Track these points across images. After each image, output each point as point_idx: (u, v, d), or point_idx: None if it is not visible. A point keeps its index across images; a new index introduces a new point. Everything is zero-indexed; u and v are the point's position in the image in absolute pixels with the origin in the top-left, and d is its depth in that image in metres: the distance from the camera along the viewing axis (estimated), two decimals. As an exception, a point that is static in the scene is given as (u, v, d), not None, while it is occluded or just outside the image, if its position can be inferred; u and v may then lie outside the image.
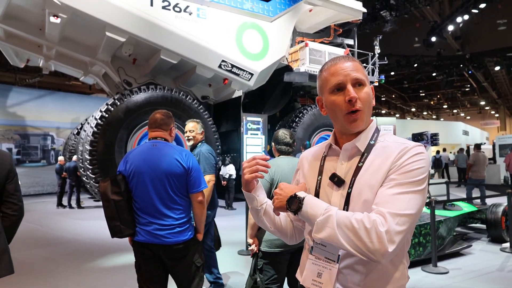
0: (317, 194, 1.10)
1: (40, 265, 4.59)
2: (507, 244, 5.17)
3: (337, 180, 1.06)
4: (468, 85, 30.24)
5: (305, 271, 1.07)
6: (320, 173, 1.13)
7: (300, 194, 1.02)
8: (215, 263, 3.45)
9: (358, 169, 1.05)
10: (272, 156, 2.83)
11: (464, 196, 9.97)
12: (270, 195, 2.47)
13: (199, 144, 3.34)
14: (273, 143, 2.83)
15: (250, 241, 2.53)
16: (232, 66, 9.45)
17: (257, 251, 2.51)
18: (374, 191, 0.98)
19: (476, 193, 9.43)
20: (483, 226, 6.00)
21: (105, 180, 2.26)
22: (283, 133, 2.76)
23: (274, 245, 2.47)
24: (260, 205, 1.20)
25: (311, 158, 1.22)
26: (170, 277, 2.33)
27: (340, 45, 12.92)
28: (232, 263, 4.55)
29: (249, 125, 10.70)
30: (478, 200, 8.32)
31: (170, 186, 2.24)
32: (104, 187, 2.22)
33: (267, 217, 1.21)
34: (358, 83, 1.04)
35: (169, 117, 2.40)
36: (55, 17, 7.51)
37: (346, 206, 1.02)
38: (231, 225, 6.86)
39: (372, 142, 1.08)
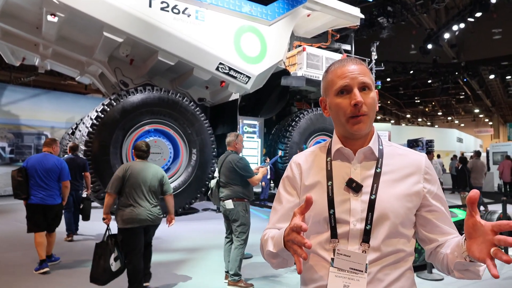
0: (331, 201, 1.03)
1: (33, 266, 4.52)
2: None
3: (355, 186, 1.02)
4: (463, 93, 30.54)
5: (328, 285, 0.99)
6: (330, 178, 1.06)
7: None
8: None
9: (377, 175, 1.03)
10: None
11: (458, 203, 10.00)
12: (119, 188, 3.52)
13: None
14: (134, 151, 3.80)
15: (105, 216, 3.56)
16: (230, 69, 9.44)
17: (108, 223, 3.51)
18: (400, 199, 1.02)
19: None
20: (478, 233, 6.00)
21: (15, 170, 4.40)
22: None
23: (127, 222, 3.39)
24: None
25: (310, 162, 1.13)
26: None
27: (337, 50, 13.00)
28: (221, 265, 4.51)
29: (246, 128, 10.70)
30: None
31: (51, 176, 4.54)
32: (14, 173, 4.38)
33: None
34: (364, 87, 1.02)
35: (54, 141, 4.89)
36: (53, 16, 7.45)
37: (371, 212, 0.99)
38: (219, 228, 6.78)
39: (381, 147, 1.08)
